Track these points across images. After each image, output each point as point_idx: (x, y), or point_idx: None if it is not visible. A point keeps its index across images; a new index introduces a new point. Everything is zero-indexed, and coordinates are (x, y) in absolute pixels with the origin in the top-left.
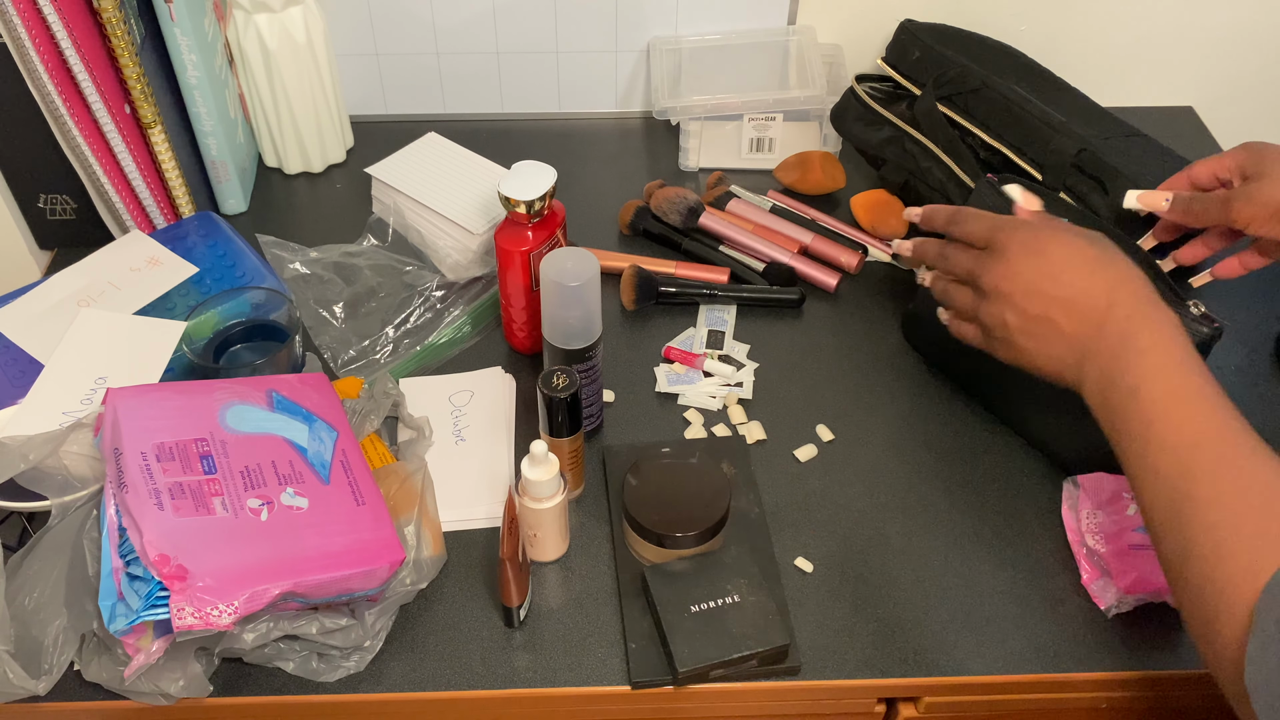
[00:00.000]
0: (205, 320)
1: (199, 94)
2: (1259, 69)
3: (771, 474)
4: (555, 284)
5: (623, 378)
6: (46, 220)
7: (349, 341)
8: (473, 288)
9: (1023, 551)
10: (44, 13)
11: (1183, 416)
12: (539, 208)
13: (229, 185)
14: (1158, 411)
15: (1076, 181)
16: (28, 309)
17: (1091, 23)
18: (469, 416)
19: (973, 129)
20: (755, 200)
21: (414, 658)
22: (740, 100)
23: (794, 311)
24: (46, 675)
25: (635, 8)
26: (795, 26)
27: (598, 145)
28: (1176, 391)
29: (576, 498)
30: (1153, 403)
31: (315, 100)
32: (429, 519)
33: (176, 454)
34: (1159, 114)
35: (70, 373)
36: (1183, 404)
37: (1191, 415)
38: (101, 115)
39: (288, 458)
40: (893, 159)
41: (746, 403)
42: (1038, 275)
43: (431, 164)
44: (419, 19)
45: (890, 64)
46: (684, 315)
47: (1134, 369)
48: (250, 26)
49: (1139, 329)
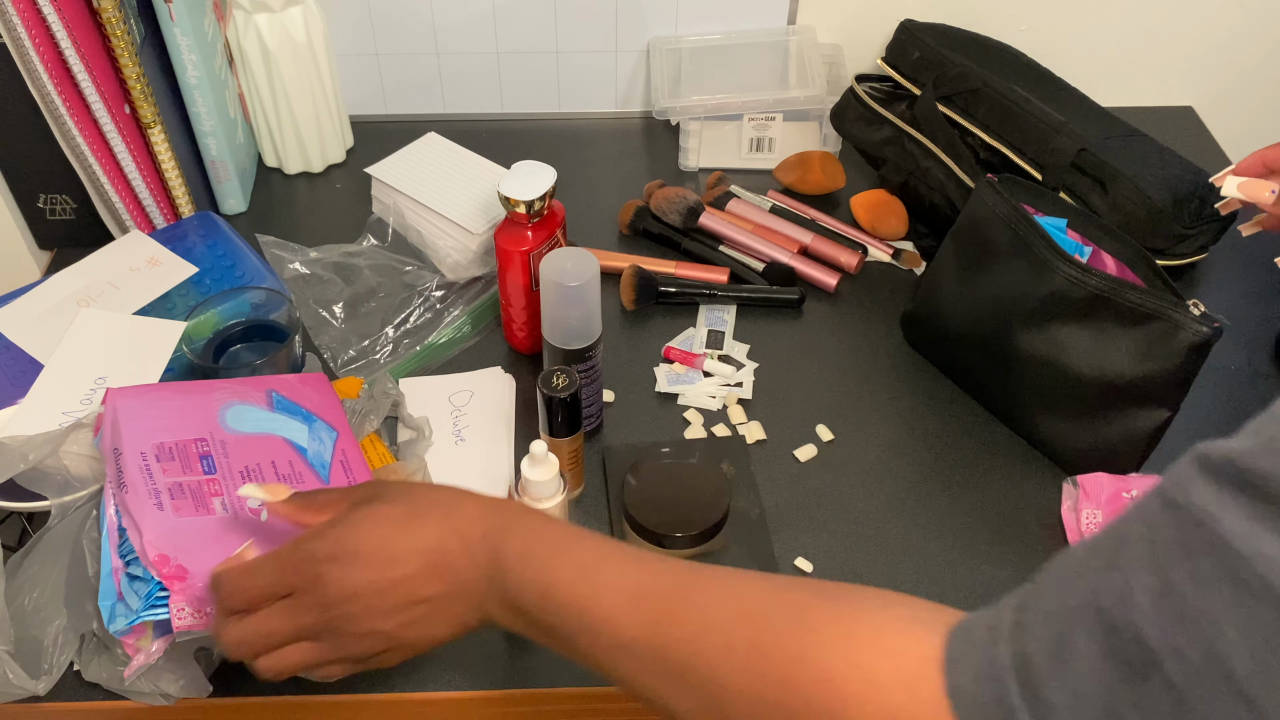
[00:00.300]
0: (205, 320)
1: (199, 94)
2: (1259, 69)
3: (771, 474)
4: (555, 284)
5: (623, 378)
6: (46, 220)
7: (349, 341)
8: (473, 288)
9: (1022, 552)
10: (44, 13)
11: (604, 582)
12: (539, 208)
13: (229, 185)
14: (581, 593)
15: (1076, 181)
16: (28, 309)
17: (1091, 23)
18: (469, 416)
19: (973, 129)
20: (755, 200)
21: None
22: (740, 100)
23: (794, 311)
24: (46, 675)
25: (635, 8)
26: (795, 26)
27: (598, 145)
28: (585, 563)
29: (576, 498)
30: (570, 588)
31: (315, 100)
32: None
33: (176, 454)
34: (1159, 114)
35: (70, 373)
36: (597, 572)
37: (612, 577)
38: (101, 115)
39: (287, 458)
40: (893, 159)
41: (746, 403)
42: (370, 572)
43: (431, 164)
44: (419, 19)
45: (890, 64)
46: (684, 315)
47: (527, 577)
48: (250, 26)
49: (502, 541)
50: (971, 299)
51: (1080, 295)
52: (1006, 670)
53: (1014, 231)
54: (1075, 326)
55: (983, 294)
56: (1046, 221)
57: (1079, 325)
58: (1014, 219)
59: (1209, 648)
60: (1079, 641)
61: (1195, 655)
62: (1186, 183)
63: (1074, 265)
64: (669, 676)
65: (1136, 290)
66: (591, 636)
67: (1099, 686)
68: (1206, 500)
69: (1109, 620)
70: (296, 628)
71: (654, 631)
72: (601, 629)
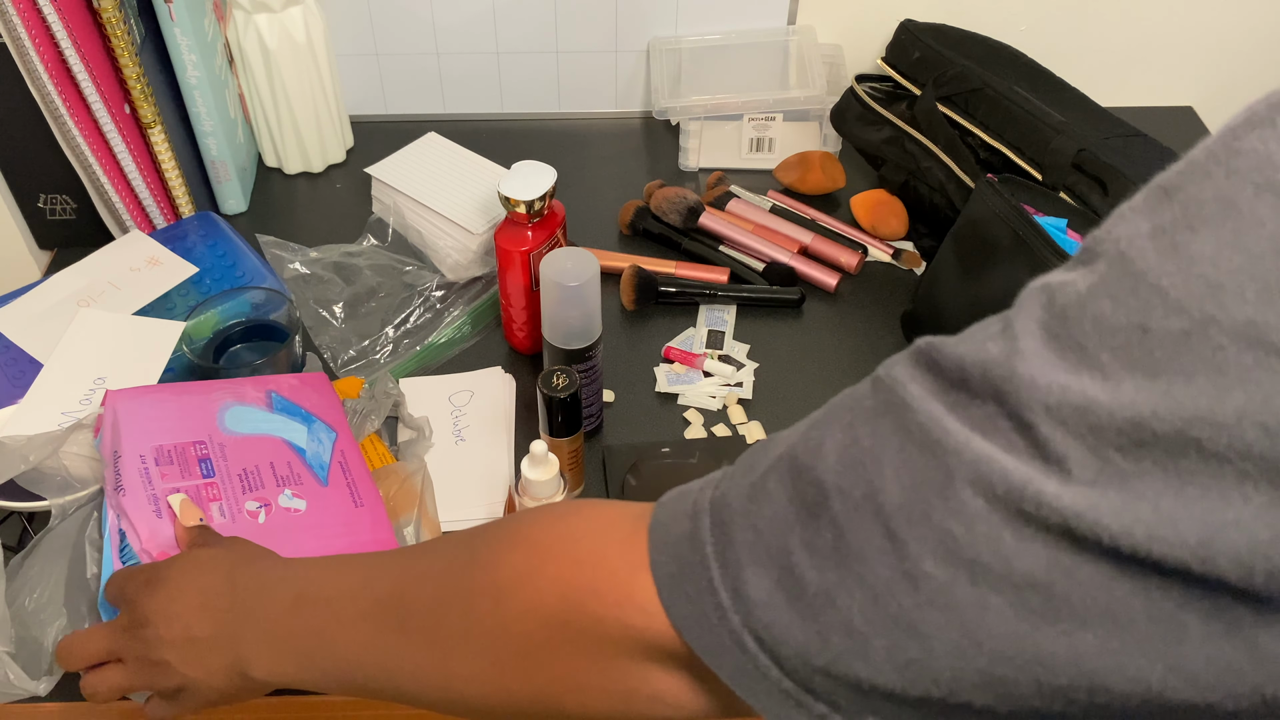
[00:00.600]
0: (205, 320)
1: (199, 94)
2: (1259, 69)
3: None
4: (555, 284)
5: (623, 378)
6: (46, 220)
7: (349, 341)
8: (473, 288)
9: None
10: (44, 13)
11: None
12: (539, 208)
13: (229, 185)
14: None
15: (1076, 181)
16: (28, 309)
17: (1091, 23)
18: (469, 416)
19: (973, 129)
20: (755, 200)
21: None
22: (740, 100)
23: (794, 311)
24: (47, 676)
25: (635, 8)
26: (795, 26)
27: (597, 145)
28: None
29: (576, 498)
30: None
31: (315, 100)
32: (428, 519)
33: (175, 458)
34: (1159, 114)
35: (70, 373)
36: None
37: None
38: (101, 115)
39: (286, 459)
40: (893, 159)
41: (746, 403)
42: (165, 602)
43: (431, 164)
44: (419, 19)
45: (890, 64)
46: (684, 315)
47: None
48: (250, 26)
49: (268, 571)
50: (971, 299)
51: None
52: (704, 511)
53: (1014, 231)
54: None
55: (983, 294)
56: (1046, 221)
57: None
58: (1014, 219)
59: (869, 486)
60: (770, 485)
61: (857, 493)
62: None
63: None
64: (397, 625)
65: None
66: (337, 621)
67: (778, 524)
68: (901, 374)
69: (798, 466)
70: (109, 647)
71: (390, 586)
72: (345, 607)
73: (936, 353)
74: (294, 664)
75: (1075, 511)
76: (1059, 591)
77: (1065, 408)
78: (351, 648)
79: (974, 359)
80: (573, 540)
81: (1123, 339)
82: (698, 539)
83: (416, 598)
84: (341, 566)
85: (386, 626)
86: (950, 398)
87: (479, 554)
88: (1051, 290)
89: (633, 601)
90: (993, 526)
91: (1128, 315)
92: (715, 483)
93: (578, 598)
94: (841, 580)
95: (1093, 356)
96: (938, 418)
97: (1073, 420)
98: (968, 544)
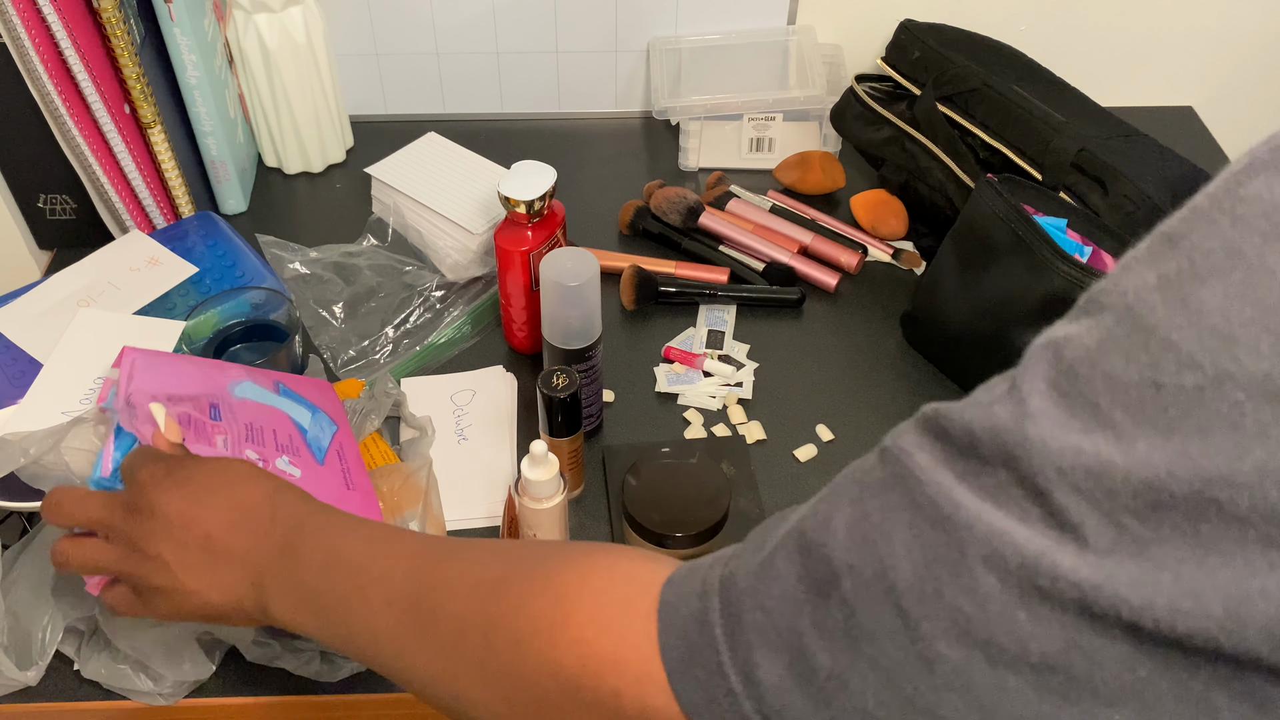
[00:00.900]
0: (205, 320)
1: (199, 94)
2: (1259, 69)
3: (771, 474)
4: (555, 284)
5: (623, 378)
6: (46, 220)
7: (349, 341)
8: (473, 288)
9: None
10: (44, 13)
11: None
12: (539, 208)
13: (229, 185)
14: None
15: (1076, 181)
16: (28, 309)
17: (1091, 23)
18: (471, 416)
19: (973, 129)
20: (755, 200)
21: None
22: (740, 100)
23: (794, 311)
24: (35, 667)
25: (635, 8)
26: (795, 26)
27: (597, 145)
28: (374, 534)
29: (576, 498)
30: (354, 549)
31: (315, 100)
32: (433, 516)
33: (187, 401)
34: (1159, 114)
35: (70, 372)
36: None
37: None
38: (101, 115)
39: (288, 432)
40: (893, 159)
41: (746, 403)
42: (186, 502)
43: (431, 164)
44: (419, 19)
45: (890, 64)
46: (684, 315)
47: (318, 543)
48: (250, 26)
49: (309, 516)
50: (971, 299)
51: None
52: (713, 590)
53: (1014, 231)
54: None
55: (982, 294)
56: (1046, 221)
57: None
58: (1014, 219)
59: (880, 564)
60: (779, 563)
61: (868, 570)
62: (1186, 183)
63: (1074, 265)
64: (418, 628)
65: None
66: (362, 598)
67: (787, 603)
68: (909, 444)
69: (807, 544)
70: (102, 519)
71: (419, 583)
72: (373, 588)
73: (944, 419)
74: (313, 619)
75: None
76: (1079, 672)
77: (1079, 471)
78: (371, 629)
79: (983, 424)
80: (599, 598)
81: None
82: (707, 621)
83: (441, 608)
84: (376, 540)
85: (408, 625)
86: (959, 466)
87: (508, 586)
88: (1058, 346)
89: (653, 679)
90: (1006, 605)
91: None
92: (725, 560)
93: (597, 666)
94: (854, 662)
95: (1106, 415)
96: (947, 489)
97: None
98: (982, 624)
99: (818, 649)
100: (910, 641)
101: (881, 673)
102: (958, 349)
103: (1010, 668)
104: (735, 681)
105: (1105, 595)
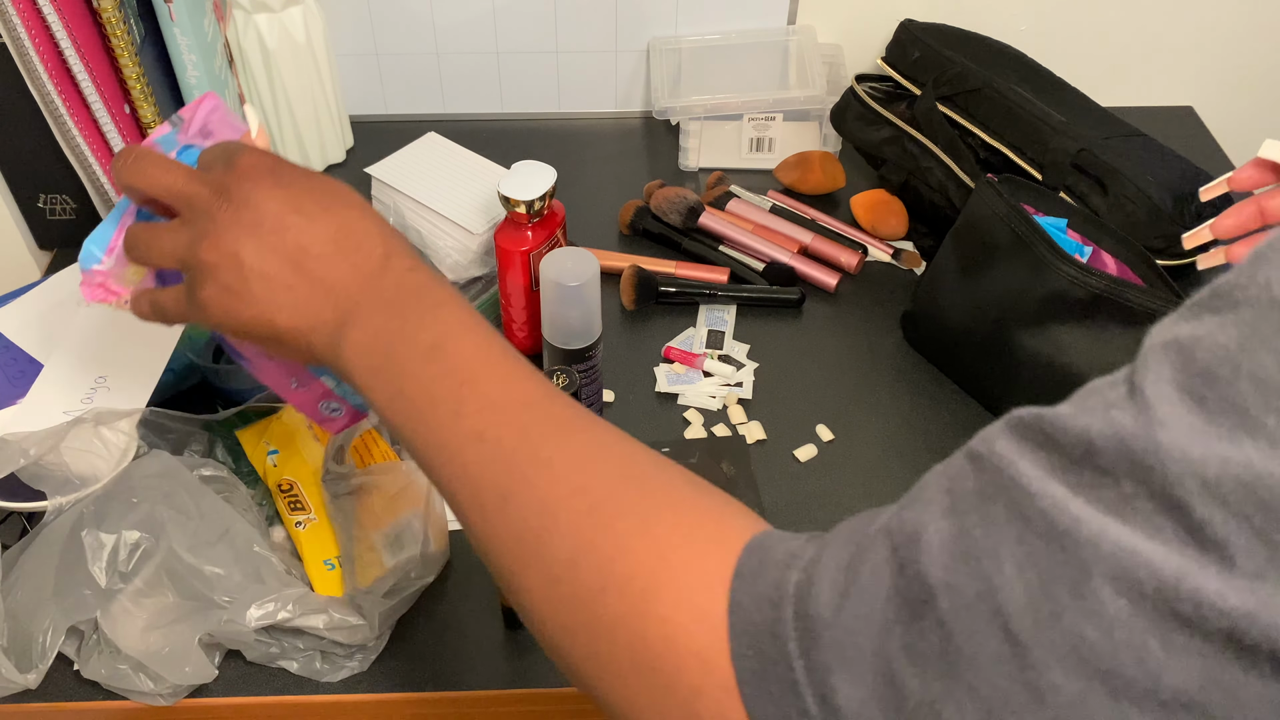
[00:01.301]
0: None
1: (199, 94)
2: (1259, 69)
3: (771, 474)
4: (555, 284)
5: (623, 378)
6: (46, 220)
7: None
8: (473, 288)
9: None
10: (44, 13)
11: (504, 374)
12: (539, 208)
13: None
14: (473, 369)
15: (1076, 181)
16: (27, 309)
17: (1091, 23)
18: None
19: (973, 129)
20: (755, 200)
21: (414, 658)
22: (740, 100)
23: (794, 311)
24: (36, 670)
25: (635, 8)
26: (795, 26)
27: (598, 145)
28: (489, 348)
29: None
30: (465, 360)
31: (315, 100)
32: (434, 516)
33: None
34: (1159, 114)
35: (70, 372)
36: (500, 362)
37: (512, 373)
38: (101, 115)
39: None
40: (893, 159)
41: (746, 403)
42: (287, 206)
43: (431, 164)
44: (419, 19)
45: (890, 64)
46: (684, 315)
47: (432, 324)
48: (250, 26)
49: (428, 282)
50: (971, 299)
51: (1080, 295)
52: (787, 598)
53: (1014, 231)
54: (1075, 326)
55: (983, 294)
56: (1046, 221)
57: (1079, 325)
58: (1014, 219)
59: (985, 583)
60: (864, 576)
61: (970, 591)
62: (1186, 183)
63: (1074, 265)
64: (500, 492)
65: (1137, 290)
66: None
67: (873, 623)
68: (1007, 450)
69: (897, 560)
70: (184, 190)
71: (521, 442)
72: (471, 413)
73: (1049, 426)
74: (384, 394)
75: (1243, 612)
76: (1218, 713)
77: (1226, 482)
78: (447, 449)
79: (1103, 431)
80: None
81: None
82: (779, 634)
83: (533, 489)
84: (494, 357)
85: (490, 479)
86: (1073, 477)
87: (613, 514)
88: (1184, 346)
89: (735, 693)
90: (1136, 632)
91: None
92: (799, 561)
93: (680, 660)
94: (949, 690)
95: (1255, 421)
96: (1062, 502)
97: (1235, 497)
98: (1106, 652)
99: (908, 675)
100: (1019, 669)
101: (981, 703)
102: (958, 349)
103: (1135, 703)
104: (811, 703)
105: (1259, 625)
